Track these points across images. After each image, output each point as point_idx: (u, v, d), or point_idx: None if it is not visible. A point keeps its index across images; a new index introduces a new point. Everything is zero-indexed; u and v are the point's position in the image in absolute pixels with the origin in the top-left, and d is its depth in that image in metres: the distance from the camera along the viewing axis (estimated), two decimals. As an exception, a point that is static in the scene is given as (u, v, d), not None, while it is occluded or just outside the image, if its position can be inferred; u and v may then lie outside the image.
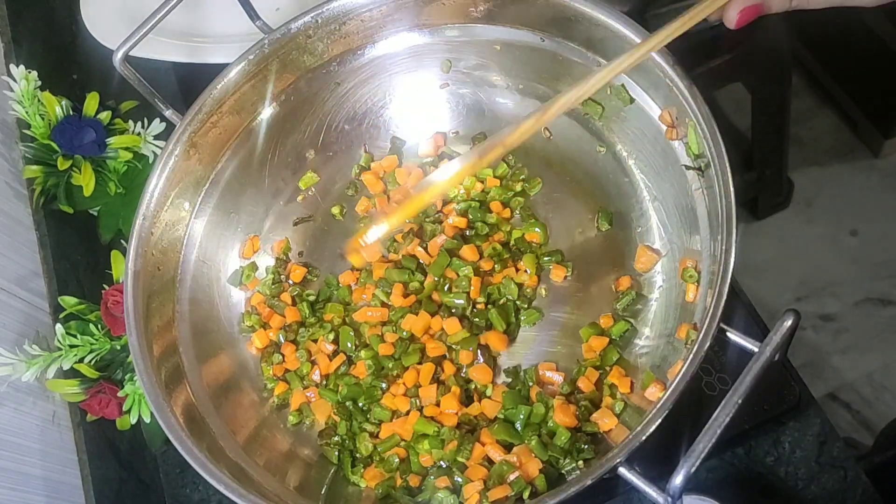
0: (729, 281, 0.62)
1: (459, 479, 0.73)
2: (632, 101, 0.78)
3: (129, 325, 0.75)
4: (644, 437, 0.60)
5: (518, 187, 0.85)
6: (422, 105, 0.89)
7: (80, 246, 1.02)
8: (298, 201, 0.90)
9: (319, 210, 0.90)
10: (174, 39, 1.05)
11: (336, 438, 0.79)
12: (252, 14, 0.85)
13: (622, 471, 0.59)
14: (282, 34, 0.82)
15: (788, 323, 0.57)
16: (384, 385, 0.79)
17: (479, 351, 0.78)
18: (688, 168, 0.74)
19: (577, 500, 0.62)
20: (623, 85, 0.78)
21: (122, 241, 0.96)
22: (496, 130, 0.84)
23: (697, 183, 0.73)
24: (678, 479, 0.54)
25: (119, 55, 0.79)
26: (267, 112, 0.86)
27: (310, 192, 0.90)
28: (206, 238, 0.84)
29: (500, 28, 0.82)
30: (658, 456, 0.64)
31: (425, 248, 0.84)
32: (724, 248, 0.63)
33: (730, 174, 0.65)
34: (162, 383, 0.73)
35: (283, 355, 0.83)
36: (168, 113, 0.83)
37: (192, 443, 0.70)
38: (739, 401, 0.55)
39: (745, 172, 1.75)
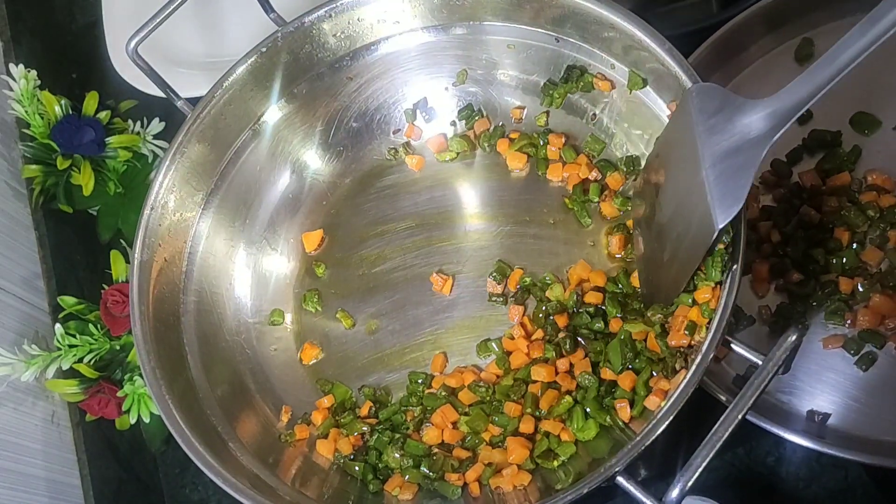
0: (736, 291, 0.61)
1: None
2: (644, 83, 0.77)
3: (134, 316, 0.74)
4: (643, 448, 0.60)
5: None
6: (432, 102, 0.88)
7: (80, 246, 1.01)
8: (307, 197, 0.89)
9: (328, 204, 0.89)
10: (206, 71, 1.02)
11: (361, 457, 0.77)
12: (267, 7, 0.84)
13: (620, 480, 0.59)
14: (295, 27, 0.81)
15: (793, 339, 0.56)
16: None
17: None
18: None
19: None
20: (633, 71, 0.77)
21: (122, 241, 0.96)
22: (506, 128, 0.85)
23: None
24: (674, 493, 0.54)
25: (131, 46, 0.79)
26: (278, 105, 0.86)
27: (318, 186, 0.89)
28: (214, 230, 0.84)
29: (513, 27, 0.82)
30: (658, 453, 0.63)
31: None
32: (730, 255, 0.63)
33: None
34: (165, 375, 0.73)
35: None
36: (180, 103, 0.82)
37: (193, 436, 0.70)
38: (740, 416, 0.54)
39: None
